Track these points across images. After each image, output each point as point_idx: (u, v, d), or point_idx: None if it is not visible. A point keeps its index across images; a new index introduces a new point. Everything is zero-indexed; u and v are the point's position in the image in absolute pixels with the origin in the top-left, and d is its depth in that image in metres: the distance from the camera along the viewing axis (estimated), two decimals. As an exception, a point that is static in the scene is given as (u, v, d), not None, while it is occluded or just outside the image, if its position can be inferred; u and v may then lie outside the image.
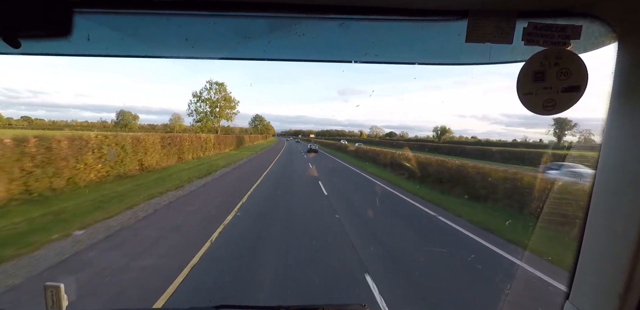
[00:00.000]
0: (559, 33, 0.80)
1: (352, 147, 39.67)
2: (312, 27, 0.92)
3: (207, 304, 1.22)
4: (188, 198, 9.84)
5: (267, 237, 6.38)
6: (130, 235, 6.23)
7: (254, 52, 1.11)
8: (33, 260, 4.91)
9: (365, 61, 1.09)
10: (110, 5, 0.81)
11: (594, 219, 0.87)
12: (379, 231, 7.23)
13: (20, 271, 4.52)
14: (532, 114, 0.83)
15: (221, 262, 5.04)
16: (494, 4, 0.79)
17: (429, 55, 1.18)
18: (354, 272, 4.83)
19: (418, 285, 4.56)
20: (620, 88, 0.80)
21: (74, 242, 5.69)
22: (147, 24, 0.93)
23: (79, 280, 4.24)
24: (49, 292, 1.02)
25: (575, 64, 0.79)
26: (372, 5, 0.82)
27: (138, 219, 7.26)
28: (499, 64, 1.03)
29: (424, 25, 0.90)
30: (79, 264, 4.84)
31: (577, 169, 9.60)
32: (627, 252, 0.75)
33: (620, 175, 0.80)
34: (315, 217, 8.27)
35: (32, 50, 0.94)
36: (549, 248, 5.72)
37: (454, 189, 11.83)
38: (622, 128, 0.80)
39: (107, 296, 3.90)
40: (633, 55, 0.77)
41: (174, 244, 5.74)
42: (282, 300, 4.26)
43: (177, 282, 4.26)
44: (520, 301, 4.07)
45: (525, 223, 7.50)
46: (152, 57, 1.15)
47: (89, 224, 6.71)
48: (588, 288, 0.88)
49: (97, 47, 1.03)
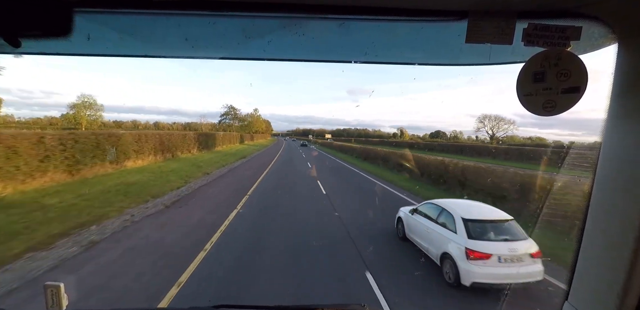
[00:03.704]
0: (559, 34, 0.80)
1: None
2: (312, 27, 0.92)
3: (207, 304, 1.23)
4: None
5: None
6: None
7: (254, 52, 1.11)
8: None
9: (365, 61, 1.09)
10: (110, 4, 0.81)
11: (593, 220, 0.88)
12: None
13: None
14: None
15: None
16: (493, 4, 0.79)
17: (429, 56, 1.18)
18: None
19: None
20: (620, 89, 0.80)
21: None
22: (147, 24, 0.93)
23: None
24: (49, 291, 1.02)
25: (575, 65, 0.79)
26: (372, 5, 0.82)
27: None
28: (499, 64, 1.03)
29: (423, 25, 0.90)
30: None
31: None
32: (626, 252, 0.75)
33: (619, 175, 0.80)
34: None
35: (32, 49, 0.94)
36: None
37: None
38: (621, 129, 0.80)
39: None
40: (633, 57, 0.77)
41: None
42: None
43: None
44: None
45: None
46: (152, 56, 1.14)
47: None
48: (587, 288, 0.88)
49: (96, 46, 1.03)
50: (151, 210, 8.39)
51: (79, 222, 6.98)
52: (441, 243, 4.93)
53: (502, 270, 4.23)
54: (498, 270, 4.23)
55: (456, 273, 4.40)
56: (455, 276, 4.41)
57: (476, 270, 4.22)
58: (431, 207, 5.77)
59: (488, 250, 4.31)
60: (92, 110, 47.65)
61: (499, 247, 4.35)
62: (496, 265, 4.24)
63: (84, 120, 46.02)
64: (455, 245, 4.56)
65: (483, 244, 4.40)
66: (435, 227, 5.24)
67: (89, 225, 6.86)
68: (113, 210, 8.03)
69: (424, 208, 6.00)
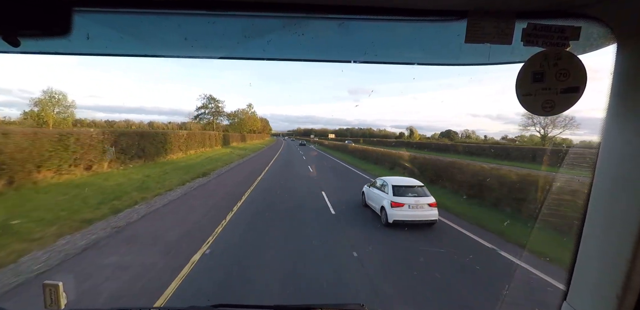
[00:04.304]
0: (558, 34, 0.80)
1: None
2: (311, 26, 0.92)
3: (206, 303, 1.23)
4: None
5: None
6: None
7: (253, 52, 1.11)
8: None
9: (365, 61, 1.09)
10: (109, 4, 0.81)
11: (592, 220, 0.88)
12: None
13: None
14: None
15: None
16: (493, 4, 0.79)
17: (429, 56, 1.18)
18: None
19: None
20: (619, 89, 0.80)
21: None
22: (146, 23, 0.93)
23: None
24: (48, 290, 1.02)
25: (574, 65, 0.79)
26: (371, 5, 0.82)
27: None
28: (499, 64, 1.03)
29: (423, 25, 0.90)
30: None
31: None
32: (625, 252, 0.75)
33: (618, 175, 0.80)
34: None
35: (32, 49, 0.94)
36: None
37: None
38: (620, 128, 0.80)
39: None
40: (632, 57, 0.77)
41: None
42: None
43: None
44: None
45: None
46: (151, 56, 1.14)
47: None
48: (586, 289, 0.88)
49: (96, 46, 1.03)
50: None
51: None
52: (380, 200, 7.86)
53: (410, 213, 7.23)
54: (408, 212, 7.22)
55: (385, 216, 7.36)
56: (385, 218, 7.38)
57: (396, 213, 7.23)
58: (379, 180, 8.73)
59: (402, 201, 7.30)
60: (60, 107, 39.23)
61: (409, 200, 7.33)
62: (407, 210, 7.23)
63: (50, 119, 38.15)
64: (387, 200, 7.52)
65: (401, 198, 7.38)
66: (379, 192, 8.16)
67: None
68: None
69: (375, 182, 8.85)
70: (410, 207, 7.18)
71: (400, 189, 7.59)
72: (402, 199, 7.29)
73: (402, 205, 7.18)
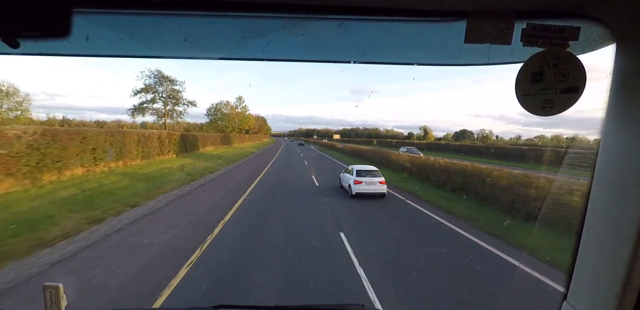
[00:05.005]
0: (558, 34, 0.80)
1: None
2: (311, 27, 0.92)
3: (207, 304, 1.23)
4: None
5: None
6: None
7: (253, 52, 1.11)
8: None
9: (365, 61, 1.09)
10: (109, 5, 0.81)
11: (592, 220, 0.88)
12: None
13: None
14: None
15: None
16: (492, 5, 0.79)
17: (428, 56, 1.18)
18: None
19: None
20: (619, 89, 0.80)
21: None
22: (146, 24, 0.93)
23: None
24: (48, 292, 1.02)
25: (573, 65, 0.79)
26: (371, 5, 0.82)
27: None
28: (498, 64, 1.03)
29: (422, 25, 0.90)
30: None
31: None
32: (625, 252, 0.75)
33: (617, 175, 0.80)
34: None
35: (31, 50, 0.94)
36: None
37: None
38: (620, 129, 0.80)
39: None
40: (631, 57, 0.77)
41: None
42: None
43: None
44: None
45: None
46: (151, 57, 1.14)
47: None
48: (586, 288, 0.88)
49: (96, 47, 1.03)
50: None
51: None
52: (348, 180, 11.40)
53: (366, 187, 10.76)
54: (365, 187, 10.75)
55: (351, 190, 10.88)
56: (350, 191, 10.90)
57: (357, 188, 10.75)
58: (350, 167, 12.08)
59: (361, 180, 10.86)
60: (10, 102, 27.10)
61: (366, 179, 10.89)
62: (365, 186, 10.75)
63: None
64: (352, 180, 10.98)
65: (360, 178, 10.89)
66: (348, 176, 11.63)
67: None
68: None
69: (347, 169, 12.41)
70: (367, 184, 10.77)
71: (362, 172, 11.20)
72: (361, 178, 10.89)
73: (362, 183, 10.77)
